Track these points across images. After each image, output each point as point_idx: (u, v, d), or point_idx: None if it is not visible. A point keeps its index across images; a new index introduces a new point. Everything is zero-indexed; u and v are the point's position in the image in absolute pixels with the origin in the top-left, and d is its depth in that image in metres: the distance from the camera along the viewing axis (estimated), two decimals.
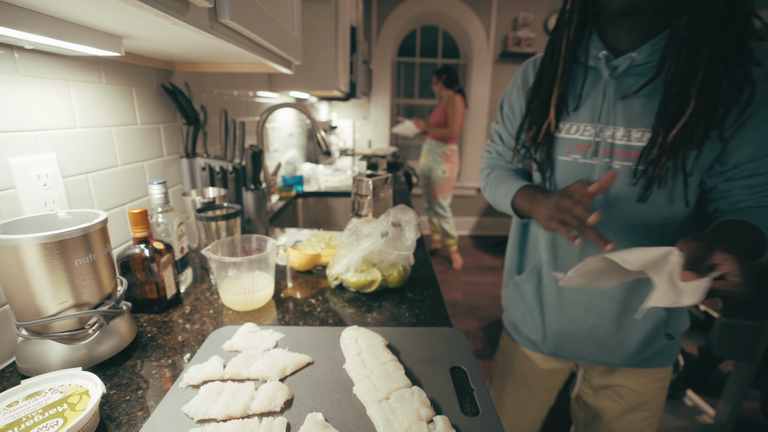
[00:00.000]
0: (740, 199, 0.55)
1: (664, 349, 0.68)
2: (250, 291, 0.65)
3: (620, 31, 0.55)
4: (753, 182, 0.53)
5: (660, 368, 0.70)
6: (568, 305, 0.68)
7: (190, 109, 0.85)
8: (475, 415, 0.42)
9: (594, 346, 0.69)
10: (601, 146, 0.59)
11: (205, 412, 0.41)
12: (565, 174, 0.63)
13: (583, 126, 0.60)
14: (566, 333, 0.70)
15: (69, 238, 0.45)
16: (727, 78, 0.49)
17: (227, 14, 0.49)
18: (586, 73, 0.59)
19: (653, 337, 0.66)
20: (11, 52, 0.51)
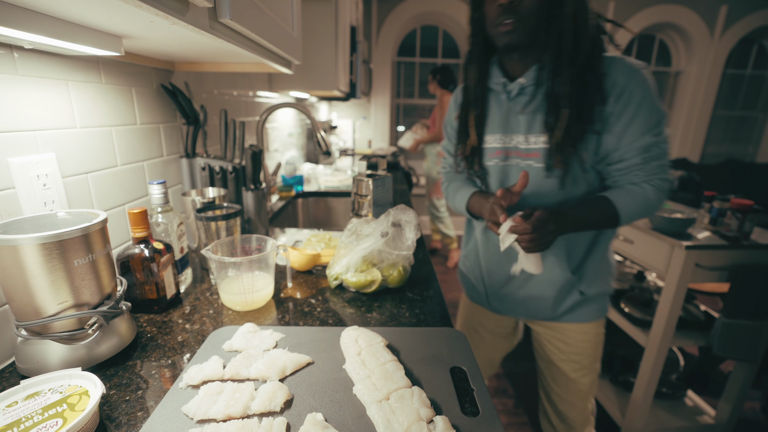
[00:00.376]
0: (615, 179, 0.72)
1: (582, 305, 0.83)
2: (250, 291, 0.65)
3: (512, 61, 0.73)
4: (620, 166, 0.70)
5: (584, 323, 0.85)
6: (498, 271, 0.86)
7: (190, 108, 0.85)
8: (475, 416, 0.42)
9: (523, 304, 0.87)
10: (510, 151, 0.76)
11: (204, 412, 0.40)
12: (494, 176, 0.80)
13: (496, 137, 0.77)
14: (500, 294, 0.89)
15: (68, 238, 0.45)
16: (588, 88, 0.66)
17: (227, 14, 0.49)
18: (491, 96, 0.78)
19: (566, 293, 0.82)
20: (11, 51, 0.51)
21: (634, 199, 0.68)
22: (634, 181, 0.70)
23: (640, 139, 0.66)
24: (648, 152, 0.67)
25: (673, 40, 3.53)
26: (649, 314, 1.33)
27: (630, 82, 0.65)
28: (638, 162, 0.68)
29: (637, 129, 0.66)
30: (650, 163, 0.68)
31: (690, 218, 1.16)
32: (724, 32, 3.33)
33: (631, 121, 0.66)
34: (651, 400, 1.29)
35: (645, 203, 0.69)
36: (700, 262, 1.13)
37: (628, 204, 0.68)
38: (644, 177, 0.69)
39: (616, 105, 0.66)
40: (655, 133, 0.66)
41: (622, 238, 1.38)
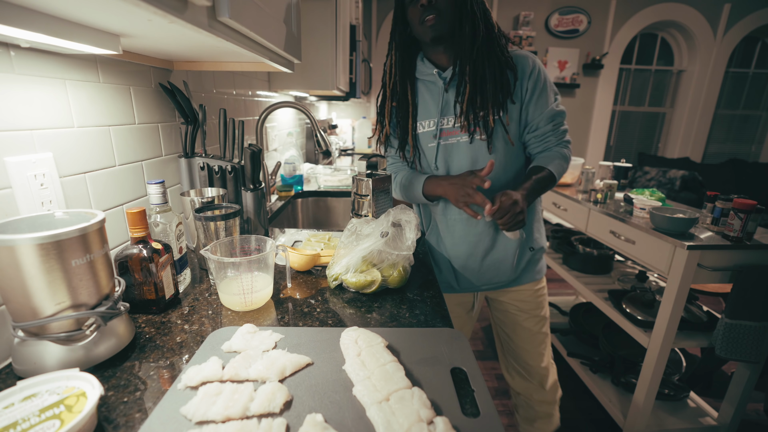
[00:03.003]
0: (534, 146, 0.90)
1: (532, 264, 1.01)
2: (249, 291, 0.64)
3: (439, 53, 0.87)
4: (537, 134, 0.88)
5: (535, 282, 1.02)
6: (459, 244, 0.97)
7: (189, 108, 0.85)
8: (476, 417, 0.41)
9: (488, 272, 0.99)
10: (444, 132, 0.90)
11: (203, 413, 0.40)
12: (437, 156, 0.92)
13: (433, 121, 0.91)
14: (466, 267, 0.99)
15: (66, 238, 0.45)
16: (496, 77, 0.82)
17: (226, 12, 0.48)
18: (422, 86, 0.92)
19: (522, 252, 0.97)
20: (7, 50, 0.51)
21: (559, 161, 0.87)
22: (549, 146, 0.89)
23: (549, 108, 0.86)
24: (554, 120, 0.86)
25: (675, 38, 3.51)
26: (651, 315, 1.32)
27: (534, 67, 0.85)
28: (550, 129, 0.87)
29: (546, 101, 0.86)
30: (558, 129, 0.87)
31: (692, 218, 1.16)
32: (726, 31, 3.32)
33: (540, 95, 0.85)
34: (653, 402, 1.29)
35: (566, 162, 0.88)
36: (702, 263, 1.12)
37: (557, 165, 0.86)
38: (555, 142, 0.89)
39: (528, 82, 0.84)
40: (557, 104, 0.87)
41: (624, 239, 1.37)
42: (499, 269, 0.98)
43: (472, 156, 0.89)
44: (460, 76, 0.84)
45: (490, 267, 0.98)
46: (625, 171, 1.70)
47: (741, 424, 1.38)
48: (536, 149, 0.90)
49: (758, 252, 1.14)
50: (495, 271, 0.98)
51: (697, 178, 2.83)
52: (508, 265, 0.97)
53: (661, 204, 1.37)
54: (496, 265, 0.98)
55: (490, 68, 0.81)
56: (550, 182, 0.87)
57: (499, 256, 0.96)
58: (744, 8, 3.26)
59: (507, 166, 0.90)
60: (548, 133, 0.88)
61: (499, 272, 0.99)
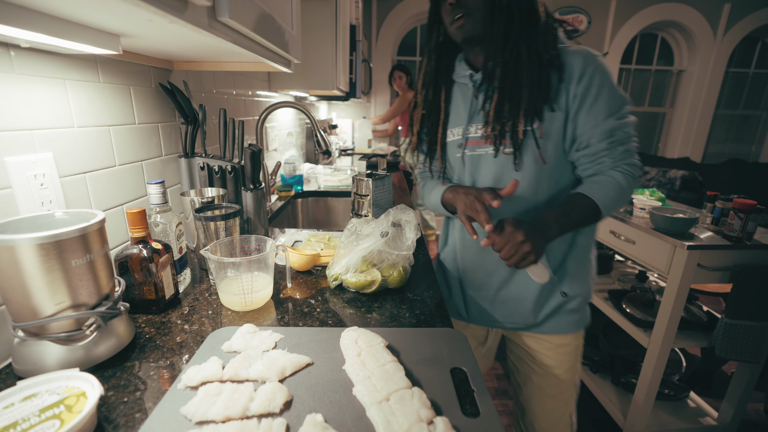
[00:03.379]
0: (584, 168, 0.72)
1: (562, 313, 0.80)
2: (249, 291, 0.64)
3: (476, 53, 0.74)
4: (587, 152, 0.70)
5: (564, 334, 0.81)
6: (473, 269, 0.83)
7: (189, 108, 0.85)
8: (476, 417, 0.41)
9: (502, 306, 0.83)
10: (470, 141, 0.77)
11: (203, 413, 0.40)
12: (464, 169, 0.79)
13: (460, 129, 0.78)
14: (478, 296, 0.85)
15: (66, 238, 0.45)
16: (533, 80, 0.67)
17: (226, 12, 0.48)
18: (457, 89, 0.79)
19: (548, 294, 0.79)
20: (7, 50, 0.51)
21: (608, 189, 0.68)
22: (602, 169, 0.70)
23: (605, 122, 0.67)
24: (612, 137, 0.68)
25: (676, 38, 3.51)
26: (651, 315, 1.32)
27: (588, 67, 0.66)
28: (604, 147, 0.68)
29: (601, 112, 0.67)
30: (616, 149, 0.68)
31: (692, 218, 1.16)
32: (726, 31, 3.32)
33: (593, 104, 0.67)
34: (653, 402, 1.29)
35: (619, 192, 0.68)
36: (702, 263, 1.12)
37: (604, 195, 0.68)
38: (611, 164, 0.69)
39: (577, 87, 0.67)
40: (618, 117, 0.68)
41: (624, 239, 1.37)
42: (515, 308, 0.81)
43: (496, 172, 0.75)
44: (488, 78, 0.72)
45: (505, 302, 0.82)
46: None
47: (741, 424, 1.38)
48: (586, 171, 0.72)
49: (758, 252, 1.14)
50: (510, 308, 0.82)
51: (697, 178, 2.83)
52: (527, 305, 0.80)
53: (661, 204, 1.37)
54: (513, 303, 0.81)
55: (527, 69, 0.67)
56: (591, 216, 0.69)
57: (516, 293, 0.80)
58: (744, 8, 3.26)
59: (538, 188, 0.73)
60: (602, 153, 0.69)
61: (514, 312, 0.82)
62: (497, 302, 0.83)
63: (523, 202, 0.75)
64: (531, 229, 0.63)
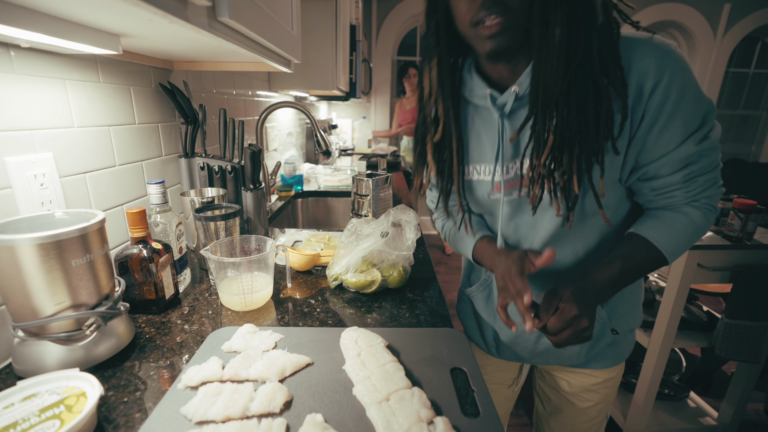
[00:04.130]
0: (649, 199, 0.55)
1: (612, 346, 0.68)
2: (249, 291, 0.64)
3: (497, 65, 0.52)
4: (655, 185, 0.53)
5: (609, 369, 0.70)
6: (514, 316, 0.66)
7: (189, 108, 0.85)
8: (476, 417, 0.41)
9: (544, 354, 0.69)
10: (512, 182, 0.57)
11: (203, 413, 0.40)
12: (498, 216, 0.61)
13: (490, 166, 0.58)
14: (517, 344, 0.70)
15: (66, 238, 0.45)
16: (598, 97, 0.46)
17: (226, 12, 0.48)
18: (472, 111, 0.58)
19: (598, 336, 0.65)
20: (7, 50, 0.51)
21: (678, 232, 0.52)
22: (673, 204, 0.53)
23: (679, 149, 0.49)
24: (691, 166, 0.50)
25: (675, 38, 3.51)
26: (651, 315, 1.32)
27: (665, 72, 0.46)
28: (678, 180, 0.51)
29: (676, 135, 0.49)
30: (695, 180, 0.51)
31: None
32: (726, 31, 3.32)
33: (667, 124, 0.48)
34: (653, 402, 1.29)
35: (693, 233, 0.52)
36: (702, 263, 1.12)
37: (673, 241, 0.52)
38: (686, 198, 0.52)
39: (649, 103, 0.48)
40: (698, 138, 0.49)
41: None
42: (559, 353, 0.68)
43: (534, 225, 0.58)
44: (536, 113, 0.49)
45: (547, 350, 0.68)
46: None
47: (741, 424, 1.38)
48: (651, 204, 0.55)
49: (758, 252, 1.14)
50: (552, 354, 0.69)
51: None
52: (572, 350, 0.67)
53: None
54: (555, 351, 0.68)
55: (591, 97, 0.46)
56: (652, 267, 0.54)
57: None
58: (744, 8, 3.25)
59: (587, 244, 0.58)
60: (674, 186, 0.52)
61: (559, 356, 0.69)
62: (539, 348, 0.69)
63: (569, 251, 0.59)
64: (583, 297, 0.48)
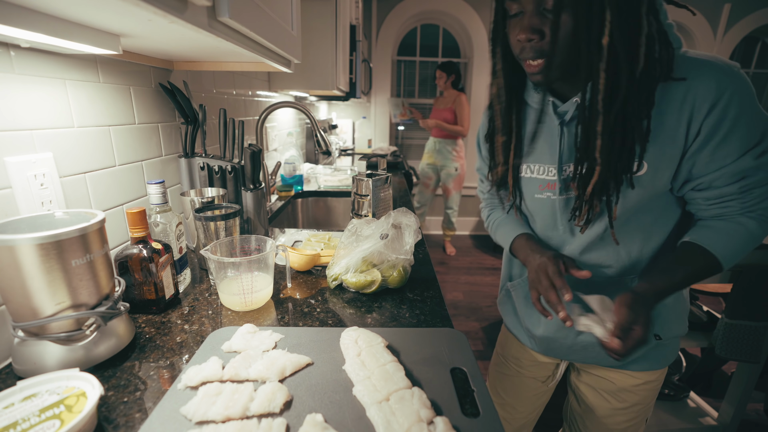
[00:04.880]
0: (702, 208, 0.58)
1: (655, 350, 0.68)
2: (249, 291, 0.64)
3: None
4: (709, 195, 0.56)
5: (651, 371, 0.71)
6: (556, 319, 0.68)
7: (189, 108, 0.85)
8: (476, 417, 0.41)
9: (581, 351, 0.71)
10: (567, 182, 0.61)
11: (203, 413, 0.40)
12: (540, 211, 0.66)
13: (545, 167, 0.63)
14: (554, 339, 0.72)
15: (66, 238, 0.45)
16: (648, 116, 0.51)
17: (226, 13, 0.48)
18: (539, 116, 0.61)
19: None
20: (7, 50, 0.51)
21: (735, 240, 0.54)
22: (729, 213, 0.55)
23: (736, 162, 0.51)
24: (748, 178, 0.52)
25: None
26: None
27: (724, 93, 0.49)
28: (734, 191, 0.53)
29: (732, 151, 0.51)
30: (751, 192, 0.53)
31: None
32: (726, 31, 3.32)
33: (725, 140, 0.51)
34: None
35: (749, 242, 0.54)
36: None
37: (729, 248, 0.54)
38: (741, 209, 0.54)
39: (705, 121, 0.50)
40: (757, 153, 0.51)
41: None
42: (599, 352, 0.68)
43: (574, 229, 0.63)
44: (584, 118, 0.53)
45: (587, 348, 0.69)
46: None
47: (741, 424, 1.38)
48: (705, 213, 0.57)
49: (758, 252, 1.14)
50: (592, 353, 0.69)
51: None
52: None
53: None
54: (596, 348, 0.68)
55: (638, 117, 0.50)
56: (707, 274, 0.56)
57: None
58: (744, 8, 3.25)
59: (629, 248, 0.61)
60: (729, 197, 0.54)
61: (597, 355, 0.69)
62: (576, 346, 0.70)
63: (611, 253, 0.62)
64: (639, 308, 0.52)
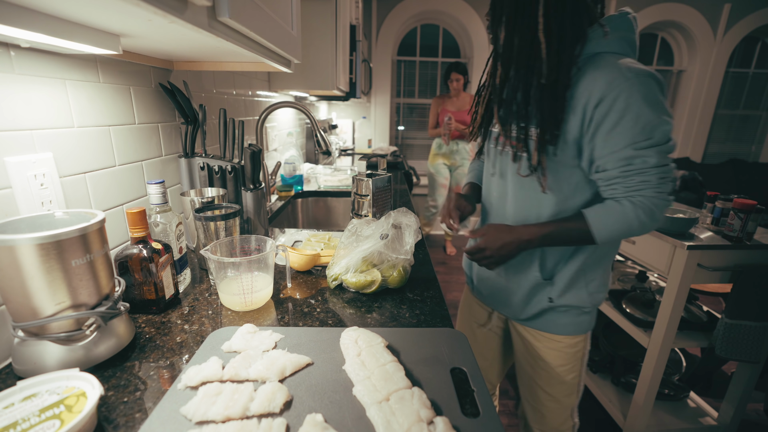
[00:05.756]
0: (602, 189, 0.68)
1: (552, 314, 0.80)
2: (249, 291, 0.64)
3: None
4: (603, 176, 0.66)
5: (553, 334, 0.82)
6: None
7: (189, 108, 0.85)
8: (476, 417, 0.41)
9: (498, 293, 0.86)
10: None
11: (203, 413, 0.40)
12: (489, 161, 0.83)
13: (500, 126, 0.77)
14: (484, 278, 0.89)
15: (66, 238, 0.45)
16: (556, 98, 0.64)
17: (226, 12, 0.48)
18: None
19: (535, 295, 0.79)
20: (7, 50, 0.51)
21: (609, 216, 0.65)
22: (615, 195, 0.66)
23: (621, 151, 0.62)
24: (629, 166, 0.62)
25: (675, 38, 3.51)
26: (651, 315, 1.32)
27: (615, 89, 0.60)
28: (617, 175, 0.64)
29: (620, 139, 0.61)
30: (631, 178, 0.63)
31: (692, 218, 1.15)
32: (726, 31, 3.32)
33: (613, 130, 0.62)
34: (653, 402, 1.29)
35: (622, 221, 0.65)
36: (702, 263, 1.12)
37: (602, 221, 0.66)
38: (623, 192, 0.64)
39: (594, 112, 0.62)
40: (639, 147, 0.61)
41: None
42: (507, 298, 0.84)
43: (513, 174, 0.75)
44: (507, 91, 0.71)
45: (500, 290, 0.85)
46: None
47: (741, 424, 1.38)
48: (603, 193, 0.68)
49: (758, 252, 1.14)
50: (504, 298, 0.84)
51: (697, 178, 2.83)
52: (516, 300, 0.82)
53: None
54: (505, 293, 0.83)
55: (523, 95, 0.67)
56: (582, 240, 0.68)
57: (509, 283, 0.82)
58: (744, 8, 3.25)
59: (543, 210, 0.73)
60: (615, 180, 0.65)
61: (507, 301, 0.84)
62: (495, 289, 0.86)
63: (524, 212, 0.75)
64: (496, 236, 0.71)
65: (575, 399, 0.88)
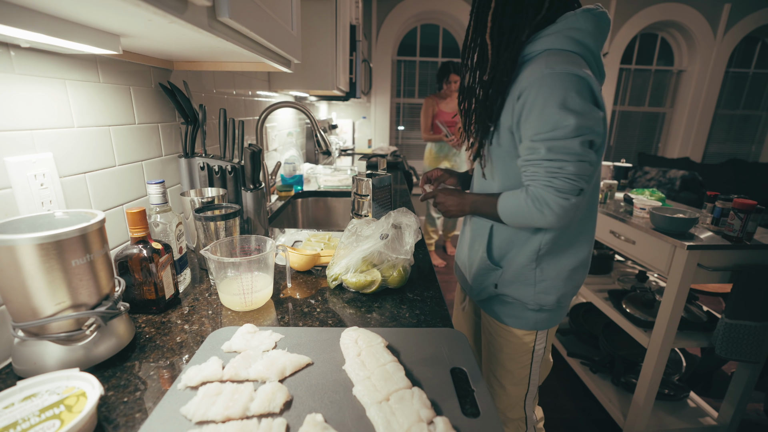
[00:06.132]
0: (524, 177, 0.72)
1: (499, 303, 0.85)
2: (249, 291, 0.64)
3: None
4: (521, 163, 0.71)
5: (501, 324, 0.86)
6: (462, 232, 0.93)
7: (189, 108, 0.85)
8: (476, 417, 0.41)
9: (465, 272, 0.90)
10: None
11: (203, 413, 0.40)
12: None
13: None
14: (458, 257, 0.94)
15: (66, 238, 0.45)
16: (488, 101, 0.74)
17: (226, 13, 0.48)
18: None
19: (484, 276, 0.84)
20: (7, 50, 0.51)
21: (511, 199, 0.72)
22: (525, 181, 0.71)
23: (526, 142, 0.69)
24: (527, 157, 0.69)
25: (676, 38, 3.51)
26: (651, 315, 1.32)
27: (531, 86, 0.66)
28: (521, 164, 0.71)
29: (527, 131, 0.68)
30: (527, 167, 0.70)
31: (692, 218, 1.16)
32: (726, 31, 3.32)
33: (525, 122, 0.68)
34: (653, 402, 1.29)
35: (517, 208, 0.71)
36: (702, 263, 1.12)
37: (506, 202, 0.73)
38: (525, 179, 0.71)
39: (516, 104, 0.69)
40: (539, 139, 0.66)
41: (624, 238, 1.37)
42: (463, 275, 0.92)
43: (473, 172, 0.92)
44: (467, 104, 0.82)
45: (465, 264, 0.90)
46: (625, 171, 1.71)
47: (741, 424, 1.38)
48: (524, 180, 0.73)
49: (758, 252, 1.14)
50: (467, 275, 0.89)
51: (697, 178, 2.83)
52: (471, 277, 0.87)
53: (661, 204, 1.37)
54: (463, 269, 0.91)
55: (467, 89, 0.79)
56: (494, 217, 0.77)
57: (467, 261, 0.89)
58: (744, 8, 3.25)
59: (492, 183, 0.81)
60: (522, 168, 0.71)
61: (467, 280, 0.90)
62: (462, 267, 0.92)
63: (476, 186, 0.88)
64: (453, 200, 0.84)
65: (523, 391, 0.89)
